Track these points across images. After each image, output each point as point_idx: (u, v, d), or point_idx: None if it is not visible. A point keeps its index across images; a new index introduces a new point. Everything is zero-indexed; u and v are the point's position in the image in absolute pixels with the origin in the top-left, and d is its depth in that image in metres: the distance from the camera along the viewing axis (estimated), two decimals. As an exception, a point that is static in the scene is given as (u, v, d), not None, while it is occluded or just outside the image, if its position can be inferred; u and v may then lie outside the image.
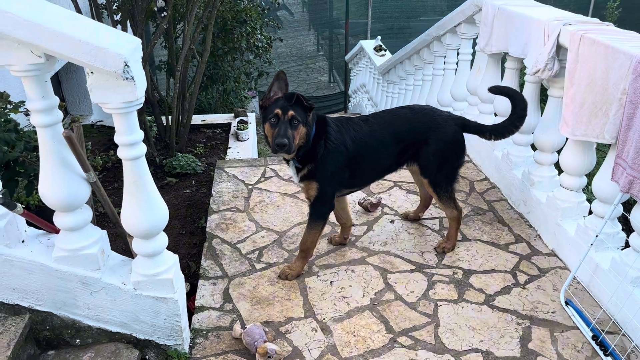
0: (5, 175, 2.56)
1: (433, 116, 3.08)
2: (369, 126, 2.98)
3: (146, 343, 2.46)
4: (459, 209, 3.23)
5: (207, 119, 6.20)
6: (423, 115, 3.09)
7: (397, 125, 3.04)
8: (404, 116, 3.09)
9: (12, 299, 2.34)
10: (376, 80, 8.21)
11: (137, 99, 1.93)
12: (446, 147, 3.04)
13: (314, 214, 2.95)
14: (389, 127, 3.01)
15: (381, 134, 2.98)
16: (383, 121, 3.04)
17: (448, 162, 3.08)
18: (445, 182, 3.12)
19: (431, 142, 3.01)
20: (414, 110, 3.14)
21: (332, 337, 2.64)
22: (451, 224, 3.25)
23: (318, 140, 2.79)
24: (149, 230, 2.22)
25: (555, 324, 2.71)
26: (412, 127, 3.04)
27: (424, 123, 3.04)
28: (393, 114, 3.14)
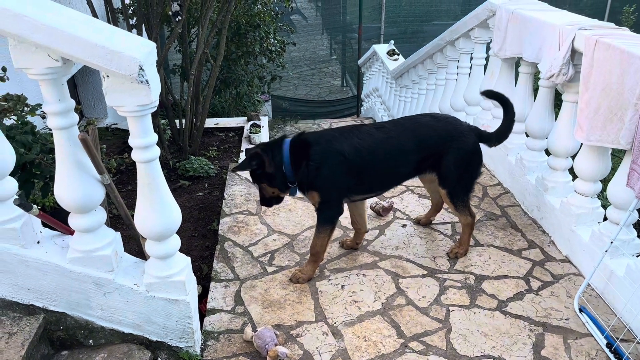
0: (21, 177, 2.60)
1: (455, 125, 3.06)
2: (385, 133, 2.94)
3: (158, 344, 2.48)
4: (473, 214, 3.21)
5: (220, 122, 6.23)
6: (446, 123, 3.06)
7: (420, 132, 3.00)
8: (426, 124, 3.05)
9: (27, 299, 2.37)
10: (389, 85, 8.20)
11: (152, 102, 1.95)
12: (468, 157, 3.03)
13: (321, 218, 2.96)
14: (411, 133, 2.98)
15: (399, 140, 2.95)
16: (404, 128, 3.02)
17: (468, 173, 3.07)
18: (463, 192, 3.10)
19: (453, 151, 2.97)
20: (437, 119, 3.11)
21: (343, 341, 2.63)
22: (464, 230, 3.23)
23: (299, 162, 2.81)
24: (162, 232, 2.24)
25: (568, 331, 2.68)
26: (436, 135, 2.99)
27: (448, 132, 3.00)
28: (415, 120, 3.11)
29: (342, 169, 2.84)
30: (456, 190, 3.08)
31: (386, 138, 2.93)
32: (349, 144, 2.85)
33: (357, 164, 2.86)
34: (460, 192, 3.10)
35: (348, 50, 14.80)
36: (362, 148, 2.87)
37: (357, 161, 2.85)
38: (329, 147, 2.83)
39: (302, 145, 2.83)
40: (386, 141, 2.93)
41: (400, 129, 3.01)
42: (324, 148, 2.83)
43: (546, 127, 3.54)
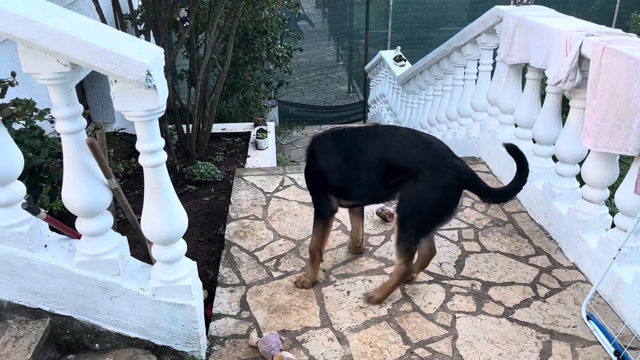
0: (30, 180, 2.62)
1: (436, 153, 2.64)
2: (362, 137, 2.77)
3: (164, 349, 2.48)
4: (410, 268, 2.82)
5: (227, 127, 6.26)
6: (426, 147, 2.65)
7: (389, 144, 2.70)
8: (402, 137, 2.72)
9: (34, 302, 2.38)
10: (395, 90, 8.20)
11: (159, 107, 1.96)
12: (432, 194, 2.61)
13: (314, 214, 3.00)
14: (379, 143, 2.72)
15: (367, 148, 2.72)
16: (375, 134, 2.77)
17: (426, 213, 2.67)
18: (413, 230, 2.70)
19: (420, 179, 2.58)
20: (419, 137, 2.72)
21: (349, 347, 2.62)
22: (392, 277, 2.87)
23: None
24: (169, 236, 2.25)
25: (576, 339, 2.66)
26: (406, 153, 2.64)
27: (422, 155, 2.62)
28: (391, 131, 2.81)
29: (313, 168, 2.92)
30: (407, 222, 2.69)
31: (359, 143, 2.78)
32: (321, 146, 2.89)
33: (324, 165, 2.84)
34: (411, 228, 2.70)
35: (355, 56, 14.83)
36: (329, 150, 2.84)
37: (323, 162, 2.85)
38: (311, 149, 2.95)
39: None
40: (356, 146, 2.77)
41: (372, 134, 2.78)
42: (309, 150, 2.96)
43: (553, 133, 3.52)
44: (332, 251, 3.36)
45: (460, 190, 2.67)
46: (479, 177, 2.72)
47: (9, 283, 2.33)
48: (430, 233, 2.83)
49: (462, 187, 2.66)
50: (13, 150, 2.19)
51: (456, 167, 2.62)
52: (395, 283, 2.86)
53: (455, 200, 2.67)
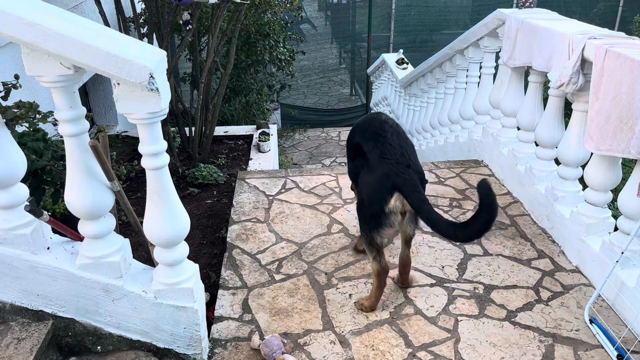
0: (32, 183, 2.62)
1: (390, 150, 2.64)
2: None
3: (165, 352, 2.48)
4: (383, 266, 2.73)
5: (229, 130, 6.26)
6: (387, 140, 2.70)
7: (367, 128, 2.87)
8: (367, 118, 3.01)
9: (36, 304, 2.38)
10: (398, 93, 8.21)
11: (162, 110, 1.96)
12: (367, 185, 2.68)
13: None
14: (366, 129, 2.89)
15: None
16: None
17: (363, 205, 2.72)
18: (362, 222, 2.77)
19: (364, 170, 2.72)
20: (380, 121, 2.85)
21: (351, 350, 2.62)
22: (373, 279, 2.83)
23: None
24: (171, 239, 2.25)
25: (579, 342, 2.65)
26: (361, 131, 2.88)
27: (373, 137, 2.74)
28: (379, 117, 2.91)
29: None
30: (358, 208, 2.83)
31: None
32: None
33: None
34: (360, 217, 2.78)
35: (357, 59, 14.85)
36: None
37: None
38: None
39: None
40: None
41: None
42: None
43: (556, 136, 3.52)
44: (334, 254, 3.36)
45: (386, 190, 2.55)
46: (418, 188, 2.52)
47: (12, 285, 2.33)
48: (378, 230, 2.64)
49: (393, 188, 2.54)
50: (16, 153, 2.20)
51: (390, 167, 2.57)
52: (376, 286, 2.80)
53: (383, 197, 2.56)
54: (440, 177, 4.37)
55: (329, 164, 7.69)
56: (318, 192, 4.13)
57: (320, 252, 3.38)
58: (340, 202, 3.98)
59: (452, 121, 5.46)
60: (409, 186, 2.53)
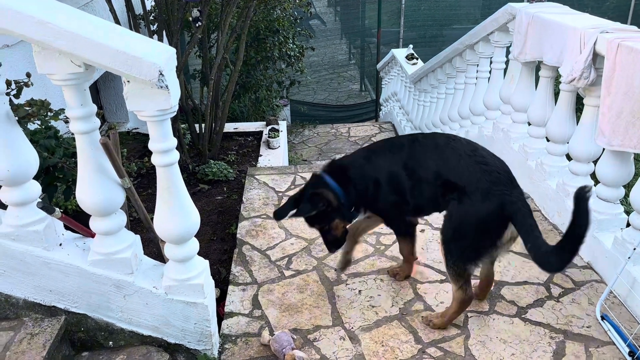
0: (45, 180, 2.65)
1: (489, 177, 2.41)
2: (421, 150, 2.65)
3: (176, 347, 2.50)
4: (469, 294, 2.59)
5: (239, 127, 6.28)
6: (481, 167, 2.44)
7: (447, 157, 2.53)
8: (460, 153, 2.51)
9: (49, 300, 2.41)
10: (408, 89, 8.18)
11: (171, 107, 1.97)
12: (472, 220, 2.44)
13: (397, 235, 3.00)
14: (438, 156, 2.56)
15: (427, 162, 2.58)
16: (435, 145, 2.61)
17: (467, 238, 2.47)
18: (457, 254, 2.51)
19: (464, 201, 2.42)
20: (477, 154, 2.50)
21: (360, 346, 2.62)
22: (452, 303, 2.67)
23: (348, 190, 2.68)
24: (181, 235, 2.26)
25: (590, 339, 2.63)
26: (458, 170, 2.47)
27: (473, 175, 2.43)
28: (452, 144, 2.58)
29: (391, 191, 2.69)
30: (451, 245, 2.52)
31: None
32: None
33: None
34: (456, 253, 2.52)
35: (367, 54, 14.81)
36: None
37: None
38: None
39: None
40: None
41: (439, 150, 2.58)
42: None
43: (567, 131, 3.49)
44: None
45: (502, 223, 2.40)
46: (531, 214, 2.41)
47: (25, 281, 2.36)
48: (477, 261, 2.52)
49: (505, 219, 2.39)
50: (28, 150, 2.22)
51: (503, 197, 2.37)
52: (454, 310, 2.65)
53: (497, 232, 2.42)
54: (450, 173, 4.34)
55: (339, 160, 7.68)
56: (327, 189, 4.13)
57: (329, 248, 3.39)
58: (349, 199, 3.98)
59: (462, 117, 5.43)
60: (523, 213, 2.37)
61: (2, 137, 2.11)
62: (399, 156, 2.63)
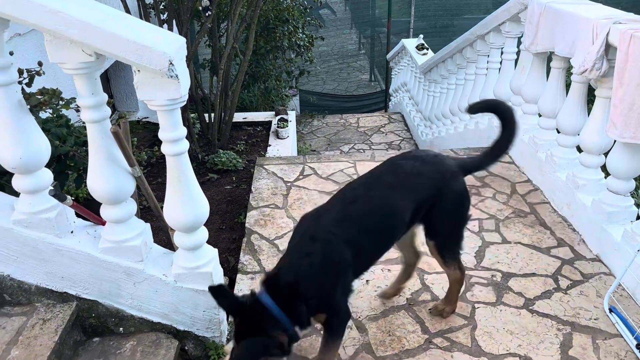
0: (56, 168, 2.68)
1: (445, 165, 2.43)
2: (368, 199, 2.30)
3: (185, 334, 2.53)
4: (463, 269, 2.63)
5: (248, 116, 6.29)
6: (435, 164, 2.42)
7: (410, 183, 2.35)
8: (414, 171, 2.37)
9: (61, 286, 2.44)
10: (417, 79, 8.14)
11: (181, 97, 1.99)
12: (461, 200, 2.48)
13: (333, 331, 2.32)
14: (401, 189, 2.33)
15: (389, 201, 2.31)
16: (390, 184, 2.35)
17: (460, 220, 2.52)
18: (454, 243, 2.54)
19: (446, 197, 2.39)
20: (423, 160, 2.43)
21: (367, 335, 2.64)
22: (452, 287, 2.69)
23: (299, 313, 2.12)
24: (190, 224, 2.28)
25: (597, 331, 2.63)
26: (428, 182, 2.36)
27: (440, 174, 2.39)
28: (398, 171, 2.39)
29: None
30: (447, 241, 2.53)
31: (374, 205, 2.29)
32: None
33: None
34: (452, 244, 2.54)
35: (377, 44, 14.73)
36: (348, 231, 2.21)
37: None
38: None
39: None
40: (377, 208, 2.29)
41: (385, 185, 2.33)
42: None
43: (578, 123, 3.46)
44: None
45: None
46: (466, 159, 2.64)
47: (37, 267, 2.40)
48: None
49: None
50: (40, 139, 2.24)
51: (459, 164, 2.47)
52: (458, 290, 2.71)
53: (468, 192, 2.52)
54: (459, 164, 4.33)
55: (347, 151, 7.68)
56: (336, 179, 4.14)
57: (337, 238, 3.40)
58: (358, 189, 3.98)
59: (472, 108, 5.40)
60: (468, 161, 2.59)
61: (15, 125, 2.14)
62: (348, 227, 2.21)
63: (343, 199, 2.33)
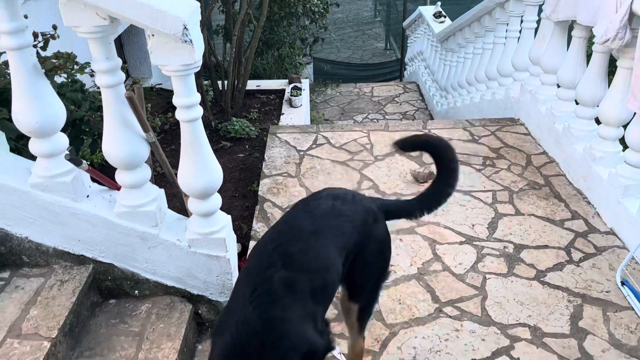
0: (71, 133, 2.69)
1: (365, 205, 1.96)
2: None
3: (199, 298, 2.58)
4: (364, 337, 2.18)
5: (261, 84, 6.25)
6: (355, 205, 1.93)
7: (336, 231, 1.84)
8: (334, 212, 1.87)
9: (78, 249, 2.49)
10: (434, 48, 8.00)
11: (195, 62, 1.97)
12: (387, 250, 2.03)
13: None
14: (323, 238, 1.80)
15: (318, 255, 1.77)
16: (310, 231, 1.81)
17: (384, 275, 2.06)
18: (373, 305, 2.09)
19: (371, 244, 1.92)
20: (343, 200, 1.93)
21: (378, 303, 2.66)
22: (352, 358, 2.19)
23: None
24: (204, 190, 2.30)
25: (608, 304, 2.64)
26: (352, 227, 1.87)
27: (362, 217, 1.91)
28: (314, 213, 1.87)
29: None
30: (369, 304, 2.04)
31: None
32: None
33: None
34: (371, 307, 2.07)
35: (393, 12, 14.46)
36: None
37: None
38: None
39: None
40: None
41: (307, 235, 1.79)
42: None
43: (598, 94, 3.39)
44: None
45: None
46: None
47: (54, 230, 2.44)
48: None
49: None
50: (56, 103, 2.25)
51: (377, 204, 2.02)
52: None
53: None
54: (475, 135, 4.29)
55: (361, 120, 7.63)
56: (349, 149, 4.13)
57: (350, 207, 3.41)
58: (371, 159, 3.97)
59: (489, 78, 5.31)
60: (388, 204, 2.14)
61: (31, 89, 2.14)
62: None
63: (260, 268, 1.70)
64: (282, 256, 1.69)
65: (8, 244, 2.43)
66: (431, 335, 2.49)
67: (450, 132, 4.34)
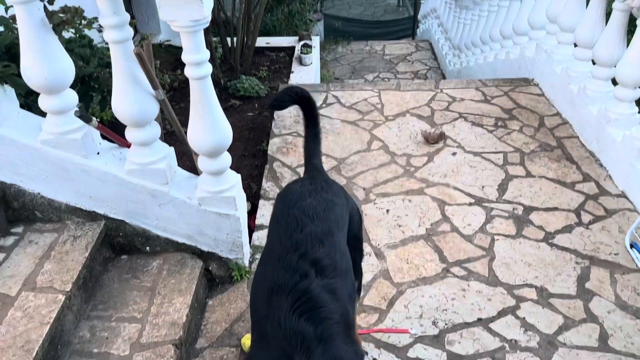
0: (81, 89, 2.68)
1: (335, 183, 2.06)
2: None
3: (209, 255, 2.62)
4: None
5: (271, 41, 6.14)
6: (332, 185, 2.00)
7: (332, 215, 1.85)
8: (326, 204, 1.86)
9: (89, 206, 2.52)
10: (448, 5, 7.79)
11: (204, 17, 1.93)
12: (358, 213, 2.12)
13: None
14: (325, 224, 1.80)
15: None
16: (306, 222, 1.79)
17: (361, 236, 2.18)
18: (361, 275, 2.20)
19: (354, 214, 2.03)
20: (327, 182, 2.02)
21: (386, 262, 2.69)
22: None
23: None
24: (214, 148, 2.29)
25: (616, 266, 2.64)
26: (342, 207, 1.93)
27: (343, 193, 2.04)
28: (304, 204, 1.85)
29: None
30: (360, 275, 2.17)
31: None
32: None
33: None
34: (361, 277, 2.19)
35: (406, -33, 14.03)
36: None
37: None
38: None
39: None
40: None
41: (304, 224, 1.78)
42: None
43: (616, 54, 3.30)
44: (373, 170, 3.38)
45: None
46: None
47: (66, 186, 2.46)
48: None
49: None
50: (65, 58, 2.23)
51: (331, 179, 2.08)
52: None
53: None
54: (487, 95, 4.22)
55: (372, 79, 7.52)
56: (359, 108, 4.09)
57: (359, 167, 3.40)
58: (381, 119, 3.94)
59: (504, 36, 5.19)
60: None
61: (39, 44, 2.12)
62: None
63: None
64: (312, 264, 1.63)
65: (21, 199, 2.46)
66: (438, 295, 2.52)
67: (463, 92, 4.27)
